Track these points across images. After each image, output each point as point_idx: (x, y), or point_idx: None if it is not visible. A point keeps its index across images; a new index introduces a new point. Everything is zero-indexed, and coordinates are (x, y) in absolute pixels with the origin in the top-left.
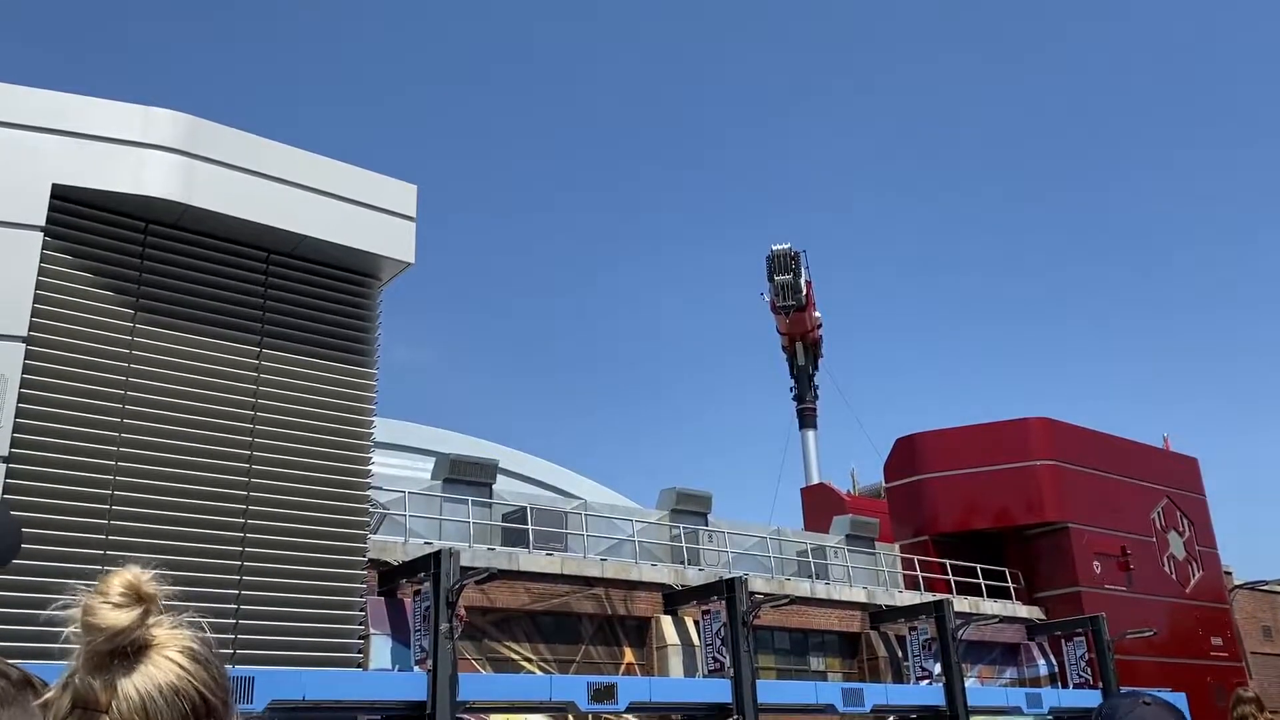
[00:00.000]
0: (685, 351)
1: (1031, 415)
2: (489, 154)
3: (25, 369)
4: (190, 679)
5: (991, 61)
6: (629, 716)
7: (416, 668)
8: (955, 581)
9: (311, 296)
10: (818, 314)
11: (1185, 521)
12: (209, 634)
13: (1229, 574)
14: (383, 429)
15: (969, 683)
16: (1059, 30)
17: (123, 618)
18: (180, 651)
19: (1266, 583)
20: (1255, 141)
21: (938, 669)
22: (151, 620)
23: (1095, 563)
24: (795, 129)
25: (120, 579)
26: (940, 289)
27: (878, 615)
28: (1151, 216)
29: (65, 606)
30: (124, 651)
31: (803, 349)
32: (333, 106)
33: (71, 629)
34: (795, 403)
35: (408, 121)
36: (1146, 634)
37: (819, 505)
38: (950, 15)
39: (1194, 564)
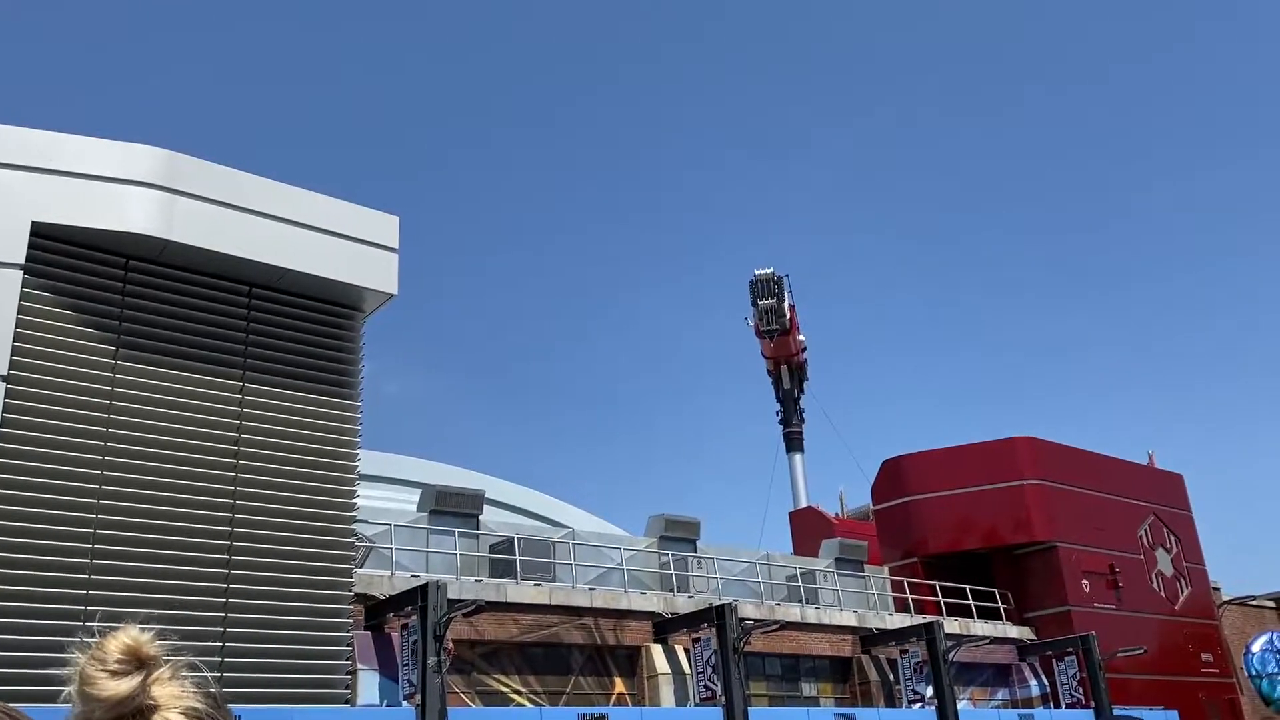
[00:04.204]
0: (670, 377)
1: (1017, 435)
2: (473, 182)
3: (5, 408)
4: None
5: (978, 89)
6: None
7: (405, 703)
8: (945, 603)
9: (294, 329)
10: (802, 338)
11: (1172, 538)
12: (209, 675)
13: (1217, 589)
14: (367, 461)
15: (961, 705)
16: (1049, 59)
17: (123, 687)
18: (182, 714)
19: (1255, 597)
20: (1236, 162)
21: (930, 692)
22: (152, 679)
23: (1084, 581)
24: (780, 154)
25: (118, 643)
26: (924, 310)
27: (868, 639)
28: (1133, 236)
29: (63, 668)
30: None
31: (788, 373)
32: (316, 138)
33: (69, 694)
34: (782, 427)
35: (394, 152)
36: (1137, 652)
37: (807, 529)
38: (943, 38)
39: (1182, 580)
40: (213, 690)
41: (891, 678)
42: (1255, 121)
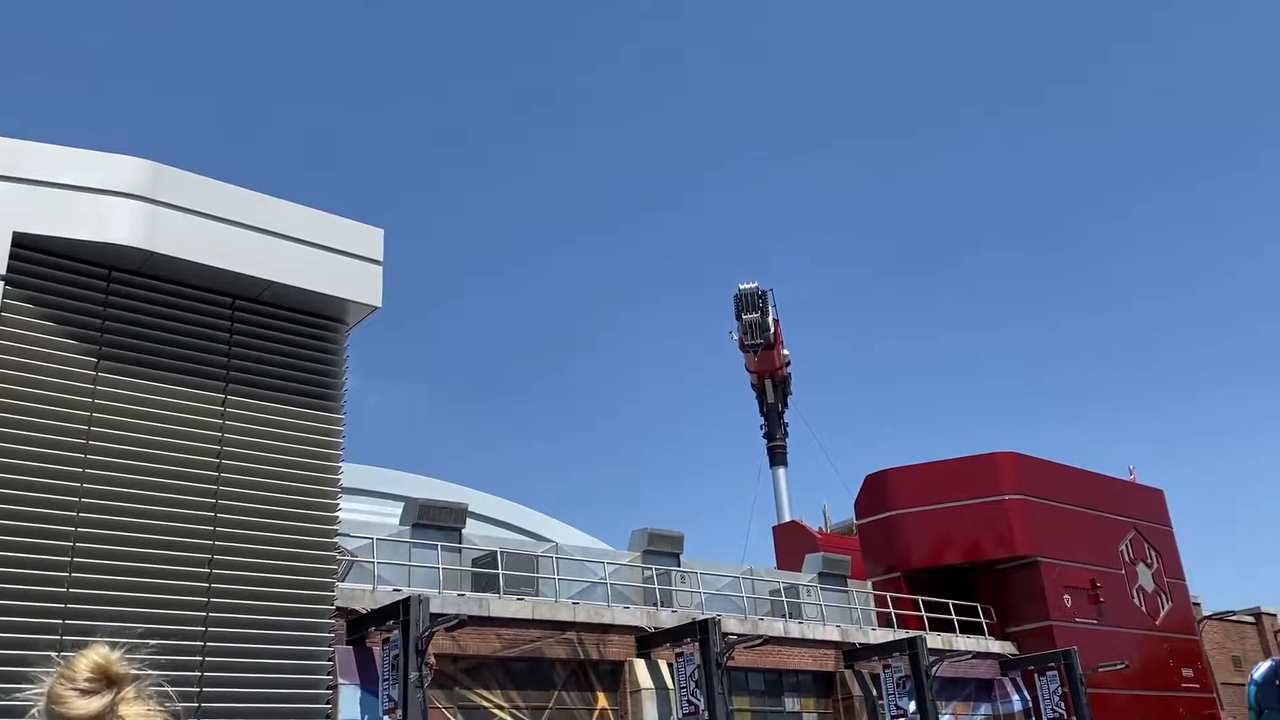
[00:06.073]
0: (654, 391)
1: (999, 450)
2: (459, 194)
3: None
4: None
5: (965, 113)
6: None
7: (386, 718)
8: (928, 618)
9: (277, 342)
10: (786, 352)
11: (1153, 553)
12: (173, 693)
13: (1198, 605)
14: (350, 474)
15: None
16: (1033, 89)
17: (92, 706)
18: None
19: (1235, 613)
20: (1215, 179)
21: (912, 707)
22: (120, 697)
23: (1066, 596)
24: (768, 171)
25: (87, 661)
26: (908, 326)
27: (851, 654)
28: (1114, 254)
29: (30, 685)
30: None
31: (772, 387)
32: (303, 148)
33: (37, 713)
34: (766, 441)
35: (380, 161)
36: (1118, 667)
37: (791, 543)
38: (931, 63)
39: (1163, 595)
40: (177, 708)
41: (874, 693)
42: (1245, 132)
